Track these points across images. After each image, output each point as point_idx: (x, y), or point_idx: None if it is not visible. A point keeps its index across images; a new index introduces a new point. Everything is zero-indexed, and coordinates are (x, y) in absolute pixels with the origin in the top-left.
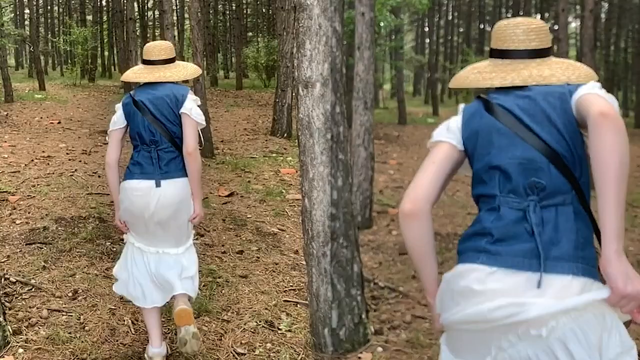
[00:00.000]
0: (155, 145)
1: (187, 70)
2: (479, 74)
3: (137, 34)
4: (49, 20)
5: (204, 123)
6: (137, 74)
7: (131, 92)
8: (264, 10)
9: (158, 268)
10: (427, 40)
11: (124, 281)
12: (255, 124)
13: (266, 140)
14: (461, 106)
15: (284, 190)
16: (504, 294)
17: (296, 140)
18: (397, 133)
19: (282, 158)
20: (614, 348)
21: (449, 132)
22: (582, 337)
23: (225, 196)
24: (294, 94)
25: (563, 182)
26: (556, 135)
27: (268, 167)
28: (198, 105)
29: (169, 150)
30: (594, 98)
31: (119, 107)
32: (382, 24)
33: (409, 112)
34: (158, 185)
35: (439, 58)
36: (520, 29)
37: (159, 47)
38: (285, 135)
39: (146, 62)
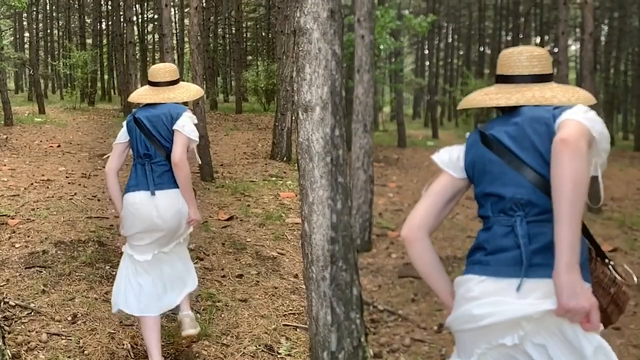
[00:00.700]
0: (148, 159)
1: (190, 91)
2: (485, 95)
3: (137, 57)
4: (49, 44)
5: (197, 139)
6: (142, 95)
7: (134, 110)
8: (263, 34)
9: (163, 284)
10: (427, 63)
11: (118, 294)
12: (254, 148)
13: (266, 164)
14: (467, 135)
15: (283, 214)
16: (488, 297)
17: (295, 164)
18: (397, 156)
19: (281, 182)
20: (588, 349)
21: (449, 162)
22: (547, 338)
23: (225, 220)
24: (293, 118)
25: (548, 202)
26: (539, 159)
27: (267, 191)
28: (195, 124)
29: (162, 163)
30: (568, 123)
31: (124, 123)
32: (382, 46)
33: (408, 135)
34: (153, 194)
35: (439, 81)
36: (524, 56)
37: (163, 70)
38: (285, 159)
39: (151, 84)
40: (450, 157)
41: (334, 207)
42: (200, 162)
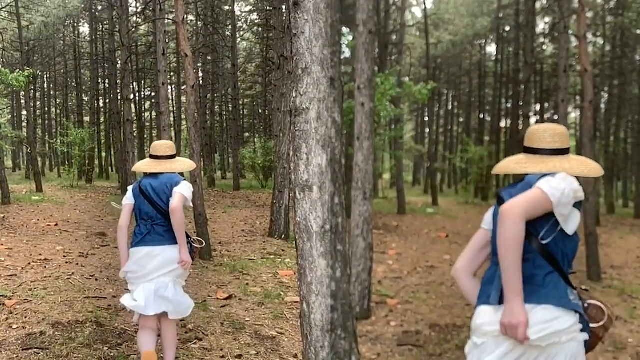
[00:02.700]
0: (151, 220)
1: (186, 164)
2: (517, 164)
3: (135, 135)
4: (47, 122)
5: (191, 197)
6: (147, 166)
7: (139, 179)
8: (260, 111)
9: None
10: (427, 130)
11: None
12: (253, 226)
13: (264, 242)
14: None
15: (282, 293)
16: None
17: (294, 242)
18: (396, 223)
19: (280, 260)
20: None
21: (484, 220)
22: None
23: (224, 299)
24: (291, 195)
25: (527, 244)
26: None
27: (266, 269)
28: (192, 192)
29: (162, 224)
30: (530, 190)
31: (129, 188)
32: (382, 114)
33: (408, 202)
34: (142, 248)
35: (439, 148)
36: (548, 134)
37: (164, 146)
38: (283, 236)
39: (153, 157)
40: (486, 216)
41: (333, 275)
42: (202, 245)
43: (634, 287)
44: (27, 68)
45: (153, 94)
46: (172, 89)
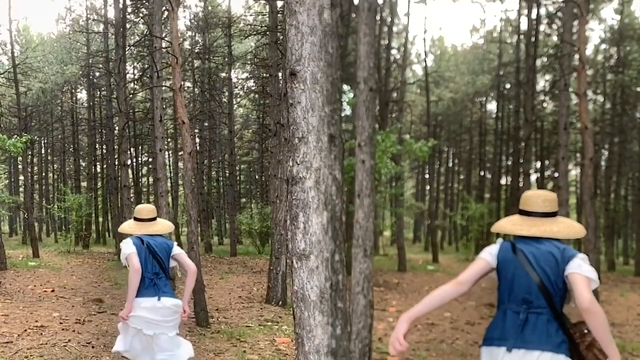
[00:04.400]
0: (156, 276)
1: (166, 225)
2: (513, 225)
3: (132, 200)
4: (44, 187)
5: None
6: (133, 229)
7: (138, 236)
8: (257, 177)
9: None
10: (428, 187)
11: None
12: (250, 292)
13: (261, 309)
14: (499, 240)
15: None
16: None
17: (291, 309)
18: (397, 280)
19: (277, 327)
20: None
21: (489, 254)
22: None
23: None
24: (288, 262)
25: (543, 302)
26: (544, 276)
27: (263, 336)
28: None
29: (163, 278)
30: (580, 282)
31: (128, 240)
32: (382, 171)
33: (408, 259)
34: (159, 300)
35: (439, 205)
36: (540, 199)
37: (147, 209)
38: (280, 303)
39: (137, 219)
40: (490, 251)
41: (333, 333)
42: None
43: (635, 344)
44: (25, 134)
45: (150, 159)
46: (169, 154)
